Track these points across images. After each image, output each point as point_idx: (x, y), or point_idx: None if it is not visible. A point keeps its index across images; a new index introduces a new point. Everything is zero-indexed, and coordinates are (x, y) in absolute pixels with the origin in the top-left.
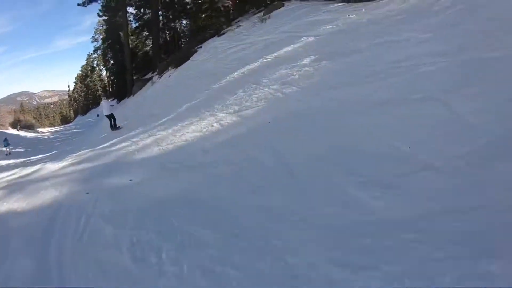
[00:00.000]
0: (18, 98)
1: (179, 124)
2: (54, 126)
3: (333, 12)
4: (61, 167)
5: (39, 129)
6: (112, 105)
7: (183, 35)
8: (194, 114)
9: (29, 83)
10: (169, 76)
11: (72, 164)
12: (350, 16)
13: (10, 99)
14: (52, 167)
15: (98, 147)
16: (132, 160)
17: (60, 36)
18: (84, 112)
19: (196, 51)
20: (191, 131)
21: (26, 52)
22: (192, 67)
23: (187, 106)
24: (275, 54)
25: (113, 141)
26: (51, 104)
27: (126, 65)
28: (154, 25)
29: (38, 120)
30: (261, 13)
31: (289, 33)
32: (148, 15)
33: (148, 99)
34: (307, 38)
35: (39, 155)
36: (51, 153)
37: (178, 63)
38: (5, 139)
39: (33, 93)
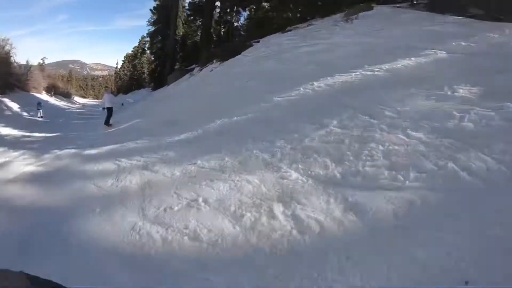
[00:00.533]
0: (70, 65)
1: (197, 162)
2: (97, 98)
3: (457, 24)
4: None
5: (75, 99)
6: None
7: (239, 31)
8: (231, 146)
9: (82, 54)
10: (211, 71)
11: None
12: (491, 35)
13: (62, 64)
14: None
15: (84, 151)
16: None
17: (120, 16)
18: (126, 92)
19: (251, 45)
20: (214, 200)
21: (85, 24)
22: (244, 63)
23: (222, 123)
24: (386, 66)
25: (102, 149)
26: (100, 77)
27: (168, 51)
28: (207, 11)
29: (84, 90)
30: (342, 14)
31: (397, 41)
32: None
33: (175, 97)
34: (435, 53)
35: (38, 132)
36: (47, 134)
37: (225, 56)
38: (39, 103)
39: (85, 63)
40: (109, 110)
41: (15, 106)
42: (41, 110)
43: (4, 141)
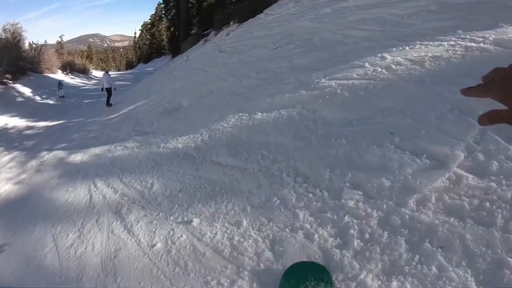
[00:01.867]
0: (90, 39)
1: (192, 222)
2: (119, 69)
3: None
4: None
5: (94, 73)
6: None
7: None
8: (251, 188)
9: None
10: (227, 35)
11: None
12: None
13: (82, 39)
14: None
15: (70, 155)
16: None
17: None
18: (146, 61)
19: (275, 0)
20: None
21: None
22: (266, 25)
23: (238, 126)
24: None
25: (86, 155)
26: (120, 48)
27: (183, 15)
28: None
29: (105, 62)
30: None
31: None
32: None
33: (184, 69)
34: None
35: (43, 121)
36: (51, 123)
37: (243, 17)
38: (59, 83)
39: (105, 36)
40: (108, 91)
41: (27, 91)
42: (61, 90)
43: (5, 137)
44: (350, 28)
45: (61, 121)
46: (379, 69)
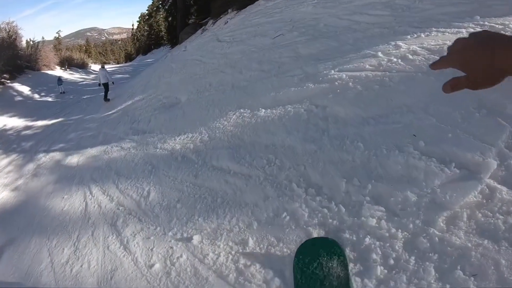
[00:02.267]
0: (88, 33)
1: (193, 240)
2: (118, 62)
3: None
4: None
5: (92, 68)
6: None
7: None
8: (257, 201)
9: (99, 20)
10: (226, 23)
11: None
12: None
13: (79, 34)
14: None
15: (66, 158)
16: None
17: None
18: (145, 52)
19: None
20: None
21: None
22: (267, 11)
23: (240, 124)
24: None
25: (83, 157)
26: (118, 40)
27: (178, 4)
28: None
29: (104, 55)
30: None
31: None
32: None
33: (182, 61)
34: None
35: (41, 119)
36: (49, 122)
37: (242, 4)
38: (59, 79)
39: (103, 29)
40: (105, 86)
41: (25, 90)
42: (61, 86)
43: (4, 138)
44: (358, 13)
45: (59, 119)
46: (394, 59)
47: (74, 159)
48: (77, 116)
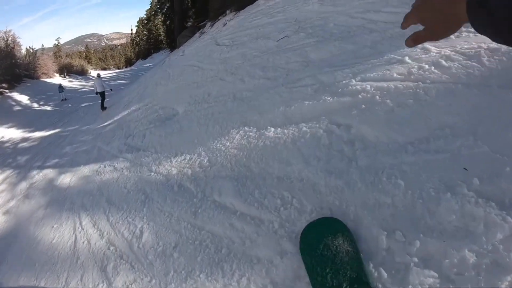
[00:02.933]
0: (88, 39)
1: None
2: (118, 67)
3: None
4: None
5: (92, 74)
6: (104, 81)
7: None
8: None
9: (98, 26)
10: (224, 25)
11: None
12: None
13: (79, 40)
14: None
15: (59, 176)
16: None
17: None
18: (144, 57)
19: None
20: None
21: None
22: (267, 11)
23: (246, 147)
24: None
25: (76, 176)
26: (118, 45)
27: (175, 6)
28: None
29: (104, 61)
30: None
31: None
32: None
33: (179, 67)
34: None
35: (39, 130)
36: (46, 133)
37: (240, 4)
38: (60, 86)
39: (102, 35)
40: (101, 95)
41: (24, 99)
42: (62, 93)
43: (0, 151)
44: (372, 11)
45: (56, 130)
46: (426, 66)
47: (66, 179)
48: (74, 126)
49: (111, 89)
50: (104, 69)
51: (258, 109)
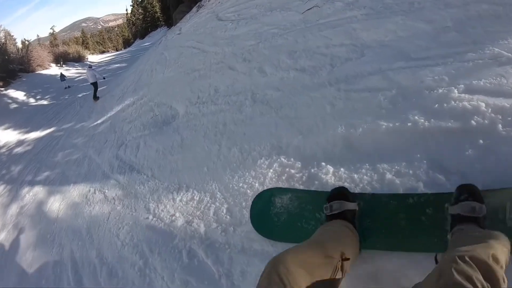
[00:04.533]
0: (83, 24)
1: None
2: (117, 49)
3: None
4: None
5: (90, 59)
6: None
7: None
8: None
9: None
10: None
11: None
12: None
13: (75, 26)
14: None
15: (49, 198)
16: None
17: None
18: (142, 36)
19: None
20: None
21: None
22: None
23: (285, 178)
24: None
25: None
26: (115, 27)
27: None
28: None
29: (101, 44)
30: None
31: None
32: None
33: (174, 47)
34: None
35: (35, 130)
36: (41, 133)
37: None
38: (61, 75)
39: (97, 18)
40: (94, 85)
41: (20, 96)
42: (65, 82)
43: None
44: None
45: (51, 129)
46: None
47: (55, 204)
48: (69, 124)
49: (104, 77)
50: (102, 52)
51: (297, 125)
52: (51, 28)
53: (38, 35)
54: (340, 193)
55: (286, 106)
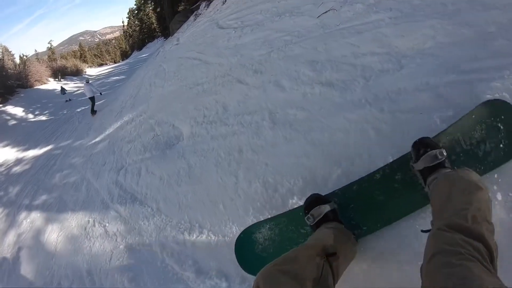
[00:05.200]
0: (81, 38)
1: None
2: (115, 62)
3: None
4: None
5: (88, 72)
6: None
7: None
8: None
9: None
10: (223, 3)
11: None
12: None
13: (72, 39)
14: None
15: (38, 238)
16: None
17: None
18: (139, 48)
19: None
20: None
21: None
22: None
23: None
24: None
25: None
26: (112, 39)
27: None
28: None
29: (99, 57)
30: None
31: None
32: None
33: (173, 58)
34: None
35: (33, 148)
36: (40, 151)
37: None
38: (62, 88)
39: (95, 31)
40: (91, 99)
41: (19, 112)
42: (65, 95)
43: None
44: None
45: (48, 147)
46: None
47: (53, 235)
48: (67, 141)
49: (100, 93)
50: (101, 65)
51: (334, 154)
52: (48, 43)
53: (36, 50)
54: (314, 199)
55: (317, 130)
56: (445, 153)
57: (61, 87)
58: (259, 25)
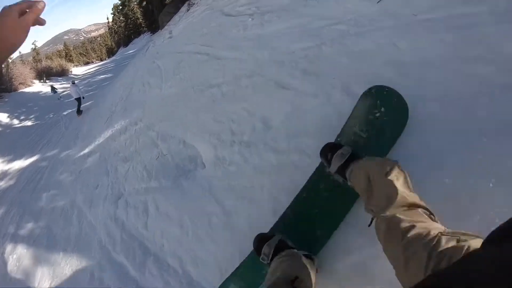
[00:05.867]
0: (65, 37)
1: None
2: (101, 59)
3: None
4: None
5: (74, 72)
6: (79, 87)
7: None
8: None
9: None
10: None
11: None
12: None
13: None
14: None
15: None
16: None
17: None
18: (125, 44)
19: None
20: None
21: None
22: None
23: None
24: None
25: None
26: (97, 37)
27: None
28: None
29: (85, 55)
30: None
31: None
32: None
33: (168, 54)
34: None
35: (19, 158)
36: (26, 161)
37: None
38: (52, 87)
39: (79, 29)
40: (77, 100)
41: (4, 118)
42: (56, 93)
43: None
44: None
45: (35, 157)
46: None
47: (45, 284)
48: (53, 151)
49: (83, 97)
50: (87, 63)
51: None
52: (32, 44)
53: (20, 52)
54: (259, 240)
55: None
56: (349, 148)
57: (52, 87)
58: (286, 10)
